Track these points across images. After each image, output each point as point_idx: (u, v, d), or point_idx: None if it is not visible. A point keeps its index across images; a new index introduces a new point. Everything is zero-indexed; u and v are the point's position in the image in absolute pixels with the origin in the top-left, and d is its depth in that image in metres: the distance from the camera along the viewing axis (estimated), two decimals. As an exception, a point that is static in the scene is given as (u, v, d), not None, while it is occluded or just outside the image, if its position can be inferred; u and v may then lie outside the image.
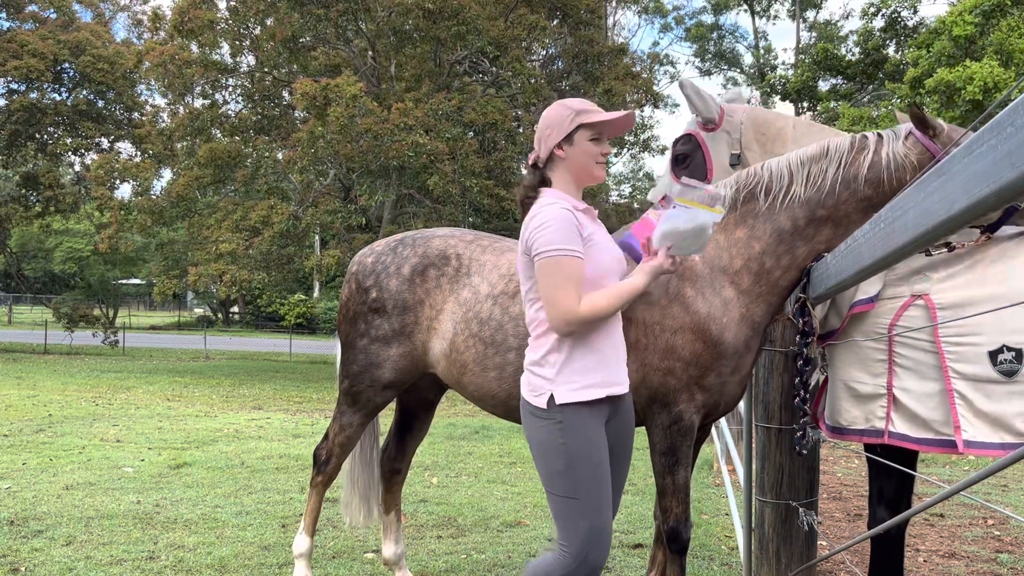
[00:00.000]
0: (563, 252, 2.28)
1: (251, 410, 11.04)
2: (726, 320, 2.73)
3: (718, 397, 2.82)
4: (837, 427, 2.86)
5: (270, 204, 15.78)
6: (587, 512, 2.29)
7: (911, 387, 2.70)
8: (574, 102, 2.46)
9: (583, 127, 2.41)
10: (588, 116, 2.40)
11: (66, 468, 6.32)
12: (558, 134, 2.44)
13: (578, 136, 2.42)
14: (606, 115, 2.41)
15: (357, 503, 3.85)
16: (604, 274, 2.37)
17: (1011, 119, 0.96)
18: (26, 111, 21.84)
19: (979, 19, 13.22)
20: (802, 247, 2.74)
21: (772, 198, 2.77)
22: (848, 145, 2.75)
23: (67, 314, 23.33)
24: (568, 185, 2.48)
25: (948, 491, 1.24)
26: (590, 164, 2.43)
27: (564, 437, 2.31)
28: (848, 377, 2.82)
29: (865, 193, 2.70)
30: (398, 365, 3.33)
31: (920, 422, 2.69)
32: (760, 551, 2.91)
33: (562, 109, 2.45)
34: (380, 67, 17.62)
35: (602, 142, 2.45)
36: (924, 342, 2.69)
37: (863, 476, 7.15)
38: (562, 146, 2.44)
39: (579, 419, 2.31)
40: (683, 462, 2.83)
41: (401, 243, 3.45)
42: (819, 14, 34.49)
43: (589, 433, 2.31)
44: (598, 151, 2.44)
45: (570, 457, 2.29)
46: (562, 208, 2.34)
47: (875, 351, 2.77)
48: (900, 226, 1.44)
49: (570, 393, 2.32)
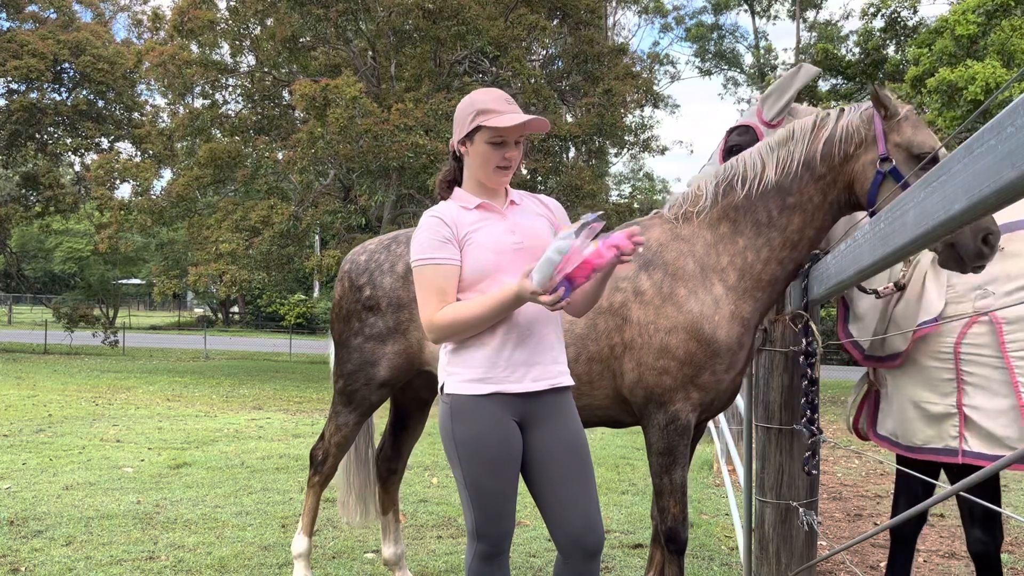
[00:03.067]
0: (422, 261, 2.25)
1: (251, 410, 11.04)
2: (718, 318, 2.75)
3: (713, 395, 2.83)
4: (912, 446, 2.85)
5: (270, 204, 15.77)
6: (477, 505, 2.25)
7: (981, 404, 2.69)
8: (483, 97, 2.28)
9: (482, 129, 2.25)
10: (487, 118, 2.23)
11: (66, 468, 6.32)
12: (459, 130, 2.31)
13: (478, 136, 2.27)
14: (506, 119, 2.22)
15: (354, 502, 3.86)
16: (483, 275, 2.24)
17: (1011, 119, 0.96)
18: (26, 111, 21.82)
19: (981, 19, 13.21)
20: (777, 238, 2.75)
21: (748, 187, 2.78)
22: (811, 124, 2.74)
23: (67, 314, 23.31)
24: (472, 183, 2.36)
25: (948, 491, 1.23)
26: (487, 168, 2.28)
27: (453, 425, 2.26)
28: (917, 398, 2.81)
29: (820, 171, 2.70)
30: (393, 363, 3.34)
31: (995, 440, 2.67)
32: (760, 551, 2.91)
33: (467, 104, 2.29)
34: (380, 67, 17.61)
35: (506, 146, 2.27)
36: (992, 358, 2.68)
37: (863, 476, 7.15)
38: (464, 143, 2.32)
39: (468, 411, 2.24)
40: (680, 462, 2.83)
41: (395, 241, 3.46)
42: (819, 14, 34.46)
43: (480, 427, 2.22)
44: (498, 155, 2.27)
45: (458, 447, 2.25)
46: (430, 215, 2.29)
47: (942, 370, 2.76)
48: (900, 226, 1.44)
49: (456, 384, 2.27)
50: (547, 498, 2.30)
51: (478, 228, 2.28)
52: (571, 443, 2.31)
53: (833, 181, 2.69)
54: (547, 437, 2.30)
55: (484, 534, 2.27)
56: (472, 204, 2.32)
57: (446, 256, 2.24)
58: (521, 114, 2.26)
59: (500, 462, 2.23)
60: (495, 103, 2.26)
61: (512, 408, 2.26)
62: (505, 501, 2.27)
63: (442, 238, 2.25)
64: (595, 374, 2.91)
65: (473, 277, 2.25)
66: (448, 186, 2.44)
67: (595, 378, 2.91)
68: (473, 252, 2.25)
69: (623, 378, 2.87)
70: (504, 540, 2.30)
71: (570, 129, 16.72)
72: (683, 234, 2.88)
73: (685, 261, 2.81)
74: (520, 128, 2.25)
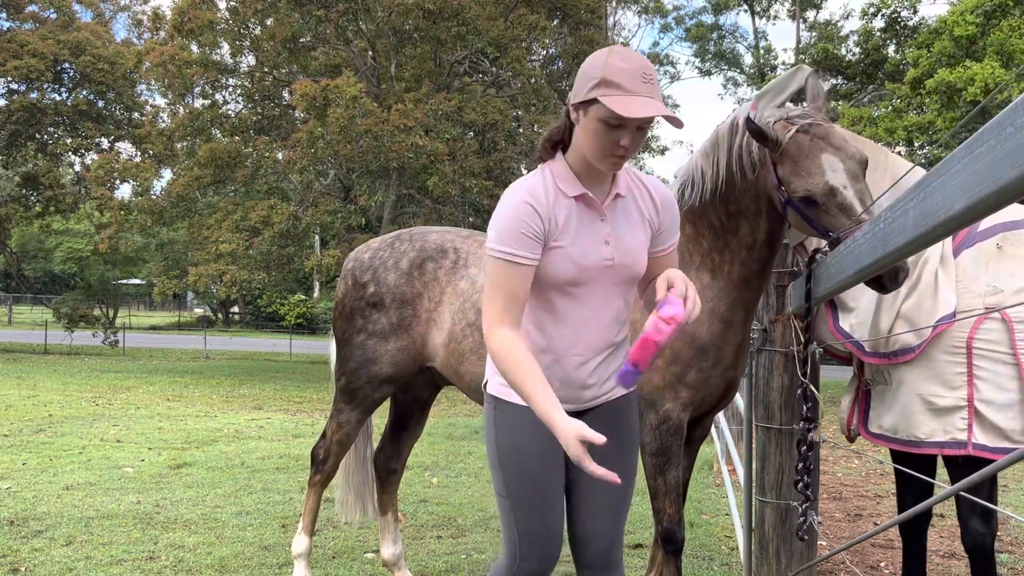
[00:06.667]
0: (501, 254, 1.93)
1: (251, 410, 11.04)
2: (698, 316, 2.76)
3: (703, 393, 2.84)
4: (913, 440, 2.88)
5: (270, 204, 15.78)
6: (518, 514, 2.05)
7: (992, 398, 2.76)
8: (616, 63, 1.84)
9: (598, 103, 1.84)
10: (609, 94, 1.82)
11: (66, 468, 6.32)
12: (577, 92, 1.91)
13: (593, 110, 1.86)
14: (631, 106, 1.80)
15: (352, 501, 3.87)
16: (558, 283, 1.98)
17: (1011, 119, 0.96)
18: (26, 111, 21.83)
19: (980, 19, 13.22)
20: (733, 240, 2.74)
21: (695, 194, 2.77)
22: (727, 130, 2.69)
23: (67, 314, 23.32)
24: (577, 156, 1.98)
25: (948, 491, 1.23)
26: (596, 150, 1.89)
27: (496, 427, 2.09)
28: (925, 391, 2.85)
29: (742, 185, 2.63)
30: (396, 359, 3.34)
31: (999, 432, 2.75)
32: (760, 551, 2.91)
33: (595, 66, 1.87)
34: (380, 67, 17.61)
35: (623, 131, 1.85)
36: (1004, 354, 2.75)
37: (863, 476, 7.15)
38: (578, 109, 1.92)
39: (510, 414, 2.06)
40: (674, 462, 2.83)
41: (398, 239, 3.48)
42: (819, 14, 34.45)
43: (523, 432, 2.04)
44: (611, 139, 1.86)
45: (500, 450, 2.07)
46: (524, 197, 1.94)
47: (953, 364, 2.81)
48: (899, 227, 1.44)
49: (499, 387, 2.10)
50: (570, 494, 2.16)
51: (571, 229, 1.97)
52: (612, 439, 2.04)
53: (756, 194, 2.62)
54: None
55: (526, 553, 2.05)
56: (573, 192, 1.97)
57: (528, 256, 1.93)
58: (652, 102, 1.83)
59: (545, 471, 2.05)
60: (628, 78, 1.83)
61: None
62: (552, 517, 2.06)
63: (531, 233, 1.92)
64: None
65: (549, 282, 1.98)
66: (552, 148, 2.03)
67: None
68: (558, 258, 1.96)
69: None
70: (549, 562, 2.08)
71: (570, 129, 16.68)
72: None
73: None
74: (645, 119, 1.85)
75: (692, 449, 3.19)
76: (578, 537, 2.17)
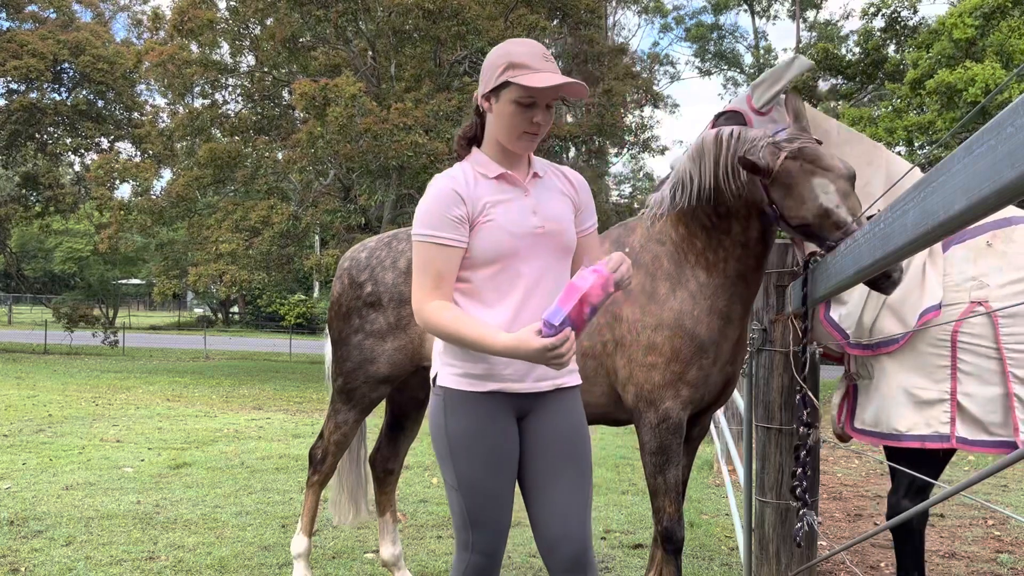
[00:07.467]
0: (425, 237, 2.00)
1: (251, 410, 11.04)
2: (697, 312, 2.79)
3: (703, 391, 2.85)
4: (893, 434, 2.89)
5: (270, 204, 15.77)
6: (469, 504, 2.05)
7: (974, 392, 2.77)
8: (518, 49, 1.99)
9: (510, 85, 1.96)
10: (519, 74, 1.94)
11: (66, 468, 6.32)
12: (485, 83, 2.02)
13: (505, 94, 1.98)
14: (541, 78, 1.93)
15: (345, 501, 3.87)
16: (497, 258, 2.02)
17: (1011, 119, 0.96)
18: (26, 111, 21.83)
19: (979, 21, 13.21)
20: (726, 239, 2.77)
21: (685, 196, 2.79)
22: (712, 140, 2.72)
23: (67, 314, 23.33)
24: (493, 146, 2.09)
25: (948, 491, 1.23)
26: (511, 132, 2.00)
27: (446, 418, 2.07)
28: (908, 383, 2.85)
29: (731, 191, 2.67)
30: (394, 359, 3.34)
31: (979, 425, 2.76)
32: (760, 551, 2.91)
33: (499, 55, 2.01)
34: (380, 67, 17.61)
35: (535, 109, 1.98)
36: (988, 348, 2.76)
37: (863, 476, 7.15)
38: (489, 98, 2.04)
39: (462, 405, 2.05)
40: (674, 461, 2.84)
41: (395, 238, 3.47)
42: (819, 14, 34.47)
43: (475, 424, 2.04)
44: (525, 118, 1.98)
45: (450, 442, 2.06)
46: (445, 184, 2.03)
47: (937, 357, 2.82)
48: (900, 227, 1.44)
49: (451, 378, 2.08)
50: (531, 496, 2.12)
51: (497, 204, 2.04)
52: (567, 440, 2.11)
53: (747, 202, 2.67)
54: (543, 431, 2.11)
55: (478, 543, 2.07)
56: (492, 173, 2.07)
57: (453, 237, 2.00)
58: (558, 74, 1.97)
59: (496, 462, 2.05)
60: (531, 58, 1.97)
61: (512, 405, 2.08)
62: (501, 507, 2.08)
63: (453, 217, 2.00)
64: (589, 370, 2.93)
65: (485, 258, 2.02)
66: (467, 144, 2.16)
67: (590, 375, 2.93)
68: (489, 232, 2.01)
69: (616, 375, 2.90)
70: (499, 550, 2.10)
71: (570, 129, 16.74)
72: (656, 235, 2.93)
73: (662, 260, 2.87)
74: (555, 90, 1.96)
75: (691, 448, 3.19)
76: (548, 541, 2.09)
